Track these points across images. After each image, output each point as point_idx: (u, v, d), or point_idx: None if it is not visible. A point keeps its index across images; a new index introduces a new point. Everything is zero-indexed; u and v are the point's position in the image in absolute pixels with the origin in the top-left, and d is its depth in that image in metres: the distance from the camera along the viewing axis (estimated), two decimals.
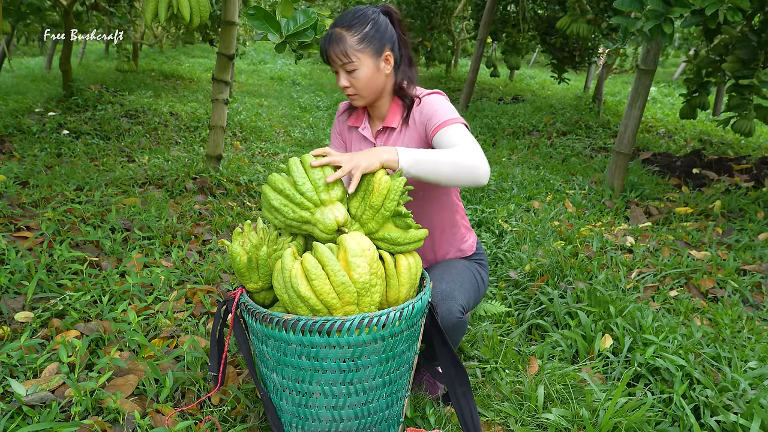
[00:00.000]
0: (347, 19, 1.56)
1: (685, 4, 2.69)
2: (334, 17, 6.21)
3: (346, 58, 1.55)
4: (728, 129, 6.40)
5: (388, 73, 1.63)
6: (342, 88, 1.61)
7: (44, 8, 4.82)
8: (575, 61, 7.22)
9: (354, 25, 1.55)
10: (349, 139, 1.80)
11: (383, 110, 1.71)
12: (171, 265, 2.52)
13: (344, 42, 1.54)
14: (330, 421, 1.36)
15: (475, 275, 1.78)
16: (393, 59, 1.63)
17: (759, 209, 3.52)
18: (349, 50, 1.54)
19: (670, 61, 17.58)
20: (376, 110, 1.73)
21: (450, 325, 1.57)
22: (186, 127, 5.53)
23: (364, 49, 1.55)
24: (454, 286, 1.63)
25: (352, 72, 1.57)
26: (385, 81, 1.64)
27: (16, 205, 2.89)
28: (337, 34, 1.55)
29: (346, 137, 1.82)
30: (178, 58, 13.01)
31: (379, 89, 1.64)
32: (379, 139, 1.73)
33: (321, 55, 1.60)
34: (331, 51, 1.55)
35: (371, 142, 1.73)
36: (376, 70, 1.59)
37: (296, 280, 1.25)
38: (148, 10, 2.29)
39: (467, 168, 1.40)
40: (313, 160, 1.38)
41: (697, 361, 1.89)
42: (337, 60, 1.56)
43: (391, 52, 1.61)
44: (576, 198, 3.83)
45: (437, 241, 1.80)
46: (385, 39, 1.59)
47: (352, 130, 1.78)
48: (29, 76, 8.30)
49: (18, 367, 1.69)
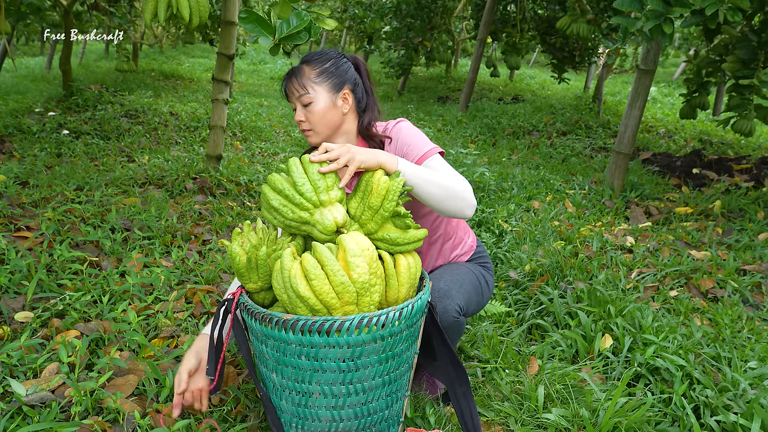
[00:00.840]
0: (310, 56, 1.62)
1: (685, 4, 2.69)
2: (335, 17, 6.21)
3: (302, 90, 1.57)
4: (728, 129, 6.40)
5: (345, 112, 1.62)
6: (297, 122, 1.62)
7: (44, 8, 4.82)
8: (575, 61, 7.22)
9: (314, 60, 1.60)
10: None
11: None
12: (171, 265, 2.52)
13: (303, 74, 1.58)
14: (330, 421, 1.36)
15: (478, 278, 1.78)
16: (353, 99, 1.63)
17: (759, 209, 3.52)
18: (306, 82, 1.57)
19: (670, 61, 17.58)
20: None
21: (446, 324, 1.57)
22: (186, 127, 5.54)
23: (321, 82, 1.58)
24: (452, 285, 1.63)
25: (308, 105, 1.58)
26: (341, 119, 1.63)
27: (16, 205, 2.89)
28: (298, 68, 1.60)
29: None
30: (178, 58, 13.02)
31: (334, 126, 1.63)
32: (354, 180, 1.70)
33: (282, 90, 1.64)
34: (290, 84, 1.59)
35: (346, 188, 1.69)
36: (332, 106, 1.60)
37: (295, 280, 1.25)
38: (147, 10, 2.29)
39: (458, 197, 1.43)
40: (314, 157, 1.38)
41: (697, 361, 1.89)
42: (294, 91, 1.58)
43: (351, 93, 1.62)
44: (576, 198, 3.83)
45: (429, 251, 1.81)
46: (344, 77, 1.61)
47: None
48: (29, 76, 8.30)
49: (18, 367, 1.69)
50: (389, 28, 9.31)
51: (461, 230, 1.86)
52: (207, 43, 9.97)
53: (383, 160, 1.40)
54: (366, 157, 1.38)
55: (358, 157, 1.37)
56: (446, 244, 1.81)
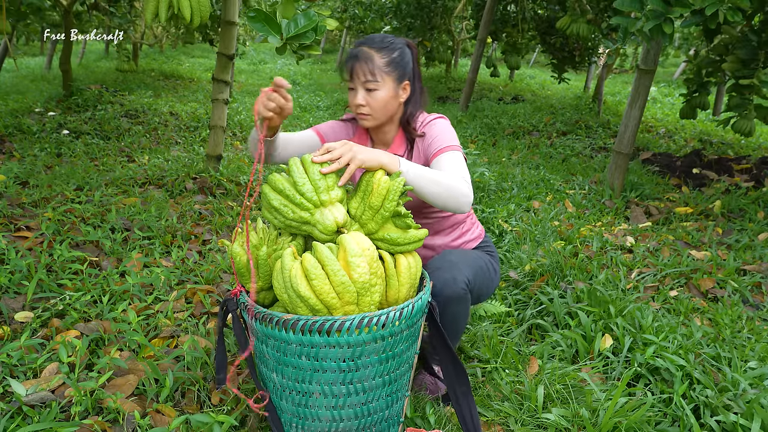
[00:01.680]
0: (377, 42, 1.62)
1: (685, 4, 2.69)
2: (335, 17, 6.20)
3: (371, 77, 1.59)
4: (728, 129, 6.40)
5: (402, 101, 1.68)
6: (355, 105, 1.64)
7: (44, 8, 4.82)
8: (575, 61, 7.22)
9: (384, 48, 1.62)
10: None
11: (388, 137, 1.75)
12: (171, 265, 2.52)
13: (373, 61, 1.59)
14: (330, 420, 1.36)
15: (486, 263, 1.79)
16: (409, 90, 1.68)
17: (759, 209, 3.52)
18: (376, 70, 1.59)
19: (670, 61, 17.58)
20: (380, 136, 1.76)
21: (452, 294, 1.55)
22: (186, 127, 5.54)
23: (390, 72, 1.61)
24: (462, 259, 1.65)
25: (372, 91, 1.61)
26: (397, 108, 1.69)
27: (16, 205, 2.89)
28: (366, 52, 1.60)
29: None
30: (178, 58, 13.01)
31: (391, 114, 1.68)
32: None
33: (343, 69, 1.64)
34: (359, 67, 1.59)
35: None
36: (394, 95, 1.64)
37: (296, 280, 1.25)
38: (148, 9, 2.29)
39: (456, 195, 1.46)
40: (316, 157, 1.38)
41: (697, 361, 1.89)
42: (362, 76, 1.60)
43: (409, 83, 1.67)
44: (576, 198, 3.83)
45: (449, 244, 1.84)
46: (407, 69, 1.66)
47: None
48: (29, 76, 8.30)
49: (18, 367, 1.69)
50: (389, 28, 9.31)
51: (470, 218, 1.90)
52: (207, 43, 9.97)
53: (385, 161, 1.41)
54: (367, 156, 1.39)
55: (360, 157, 1.38)
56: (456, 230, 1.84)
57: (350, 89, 1.65)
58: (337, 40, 19.73)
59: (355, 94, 1.63)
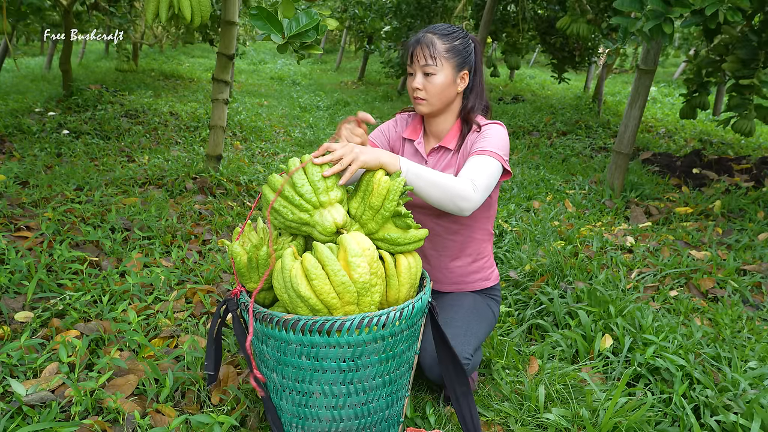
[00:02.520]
0: (441, 29, 1.64)
1: (685, 4, 2.69)
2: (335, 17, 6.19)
3: (431, 61, 1.61)
4: (728, 129, 6.40)
5: (459, 91, 1.68)
6: (413, 89, 1.65)
7: (44, 8, 4.82)
8: (575, 61, 7.21)
9: (447, 35, 1.63)
10: (400, 149, 1.83)
11: (443, 128, 1.75)
12: (171, 265, 2.52)
13: (434, 46, 1.61)
14: (330, 420, 1.36)
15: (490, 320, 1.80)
16: (467, 81, 1.68)
17: (759, 209, 3.52)
18: (436, 54, 1.60)
19: (670, 61, 17.57)
20: (435, 126, 1.75)
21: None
22: (186, 127, 5.54)
23: (450, 58, 1.62)
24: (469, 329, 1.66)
25: (430, 76, 1.62)
26: (454, 97, 1.69)
27: (16, 205, 2.89)
28: (428, 37, 1.62)
29: (396, 146, 1.84)
30: (178, 58, 13.01)
31: (448, 102, 1.68)
32: (432, 156, 1.75)
33: (404, 52, 1.67)
34: (419, 50, 1.61)
35: (423, 158, 1.76)
36: (452, 82, 1.65)
37: (296, 280, 1.25)
38: (149, 9, 2.29)
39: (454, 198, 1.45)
40: (317, 159, 1.38)
41: (697, 361, 1.89)
42: (421, 59, 1.61)
43: (468, 73, 1.67)
44: (576, 198, 3.83)
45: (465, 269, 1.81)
46: (468, 59, 1.66)
47: (407, 142, 1.81)
48: (29, 76, 8.30)
49: (18, 367, 1.69)
50: (389, 28, 9.31)
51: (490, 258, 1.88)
52: (207, 43, 9.97)
53: (385, 161, 1.41)
54: (368, 157, 1.39)
55: (362, 158, 1.38)
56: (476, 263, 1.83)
57: (409, 74, 1.67)
58: (337, 40, 19.73)
59: (413, 78, 1.65)
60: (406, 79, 1.71)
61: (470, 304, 1.76)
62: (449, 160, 1.73)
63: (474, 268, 1.82)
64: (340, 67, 14.06)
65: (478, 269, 1.83)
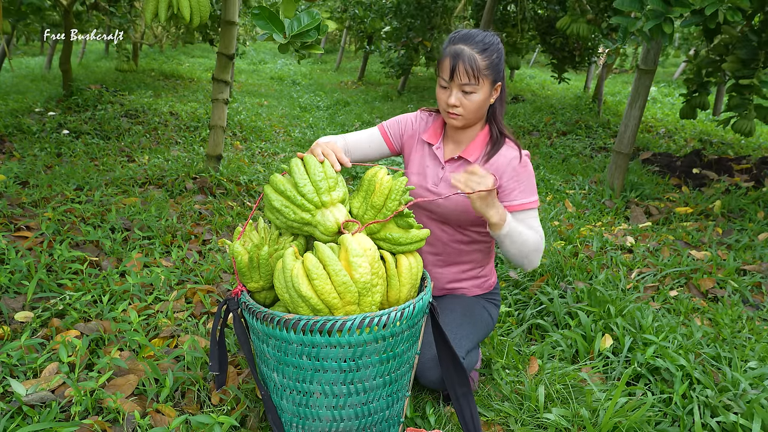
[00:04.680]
0: (478, 41, 1.55)
1: (685, 4, 2.69)
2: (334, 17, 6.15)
3: (473, 80, 1.55)
4: (728, 129, 6.40)
5: (492, 102, 1.64)
6: (448, 104, 1.59)
7: (44, 8, 4.82)
8: (575, 61, 7.21)
9: (486, 49, 1.55)
10: (414, 147, 1.77)
11: (467, 137, 1.70)
12: (171, 264, 2.52)
13: (476, 64, 1.53)
14: (330, 420, 1.36)
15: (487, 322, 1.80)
16: (500, 91, 1.64)
17: (759, 209, 3.52)
18: (478, 73, 1.54)
19: (670, 61, 17.57)
20: (458, 134, 1.71)
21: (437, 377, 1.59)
22: (186, 127, 5.53)
23: (489, 75, 1.57)
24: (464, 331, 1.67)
25: (469, 94, 1.57)
26: (487, 109, 1.66)
27: (16, 205, 2.89)
28: (469, 54, 1.53)
29: (410, 144, 1.78)
30: (178, 58, 13.01)
31: (482, 115, 1.66)
32: (450, 164, 1.70)
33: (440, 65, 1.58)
34: (461, 68, 1.53)
35: (441, 164, 1.71)
36: (487, 97, 1.61)
37: (297, 280, 1.25)
38: (148, 9, 2.29)
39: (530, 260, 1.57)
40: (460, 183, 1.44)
41: (697, 361, 1.89)
42: (463, 78, 1.54)
43: (501, 84, 1.63)
44: (576, 198, 3.83)
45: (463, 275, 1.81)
46: (502, 71, 1.61)
47: (426, 144, 1.75)
48: (29, 76, 8.30)
49: (18, 366, 1.69)
50: (389, 28, 9.30)
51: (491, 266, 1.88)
52: (207, 43, 9.97)
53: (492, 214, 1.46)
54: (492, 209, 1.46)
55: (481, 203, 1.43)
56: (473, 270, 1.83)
57: (442, 87, 1.60)
58: (337, 40, 19.73)
59: (448, 93, 1.59)
60: (405, 79, 1.69)
61: (464, 306, 1.75)
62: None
63: (472, 275, 1.81)
64: (340, 67, 14.06)
65: (475, 276, 1.82)
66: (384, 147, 1.79)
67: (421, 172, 1.74)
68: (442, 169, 1.71)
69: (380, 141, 1.78)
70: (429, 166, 1.73)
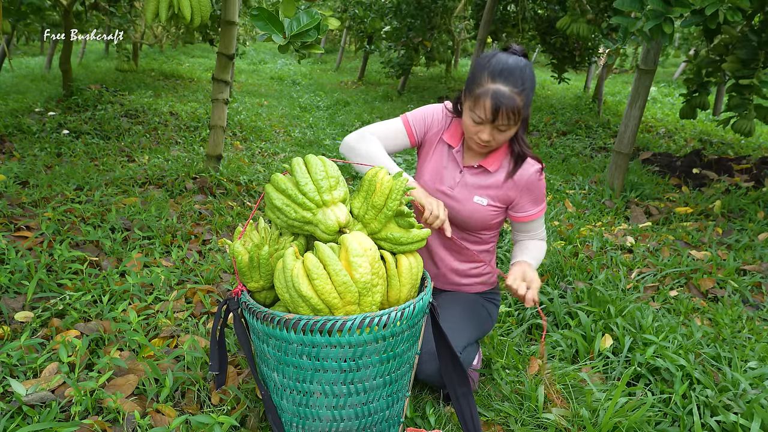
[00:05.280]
0: (517, 78, 1.50)
1: (685, 4, 2.69)
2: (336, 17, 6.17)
3: (512, 123, 1.53)
4: (728, 129, 6.40)
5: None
6: (481, 139, 1.57)
7: (44, 8, 4.82)
8: (575, 61, 7.21)
9: (523, 90, 1.51)
10: (435, 145, 1.75)
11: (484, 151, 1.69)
12: (171, 264, 2.52)
13: (516, 106, 1.50)
14: (330, 420, 1.36)
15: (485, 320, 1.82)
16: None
17: (759, 209, 3.52)
18: (518, 115, 1.52)
19: (670, 61, 17.57)
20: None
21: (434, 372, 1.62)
22: (186, 126, 5.53)
23: (524, 111, 1.54)
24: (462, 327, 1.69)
25: (504, 131, 1.56)
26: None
27: (16, 205, 2.89)
28: (510, 97, 1.49)
29: (432, 141, 1.75)
30: (178, 58, 13.01)
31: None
32: (468, 172, 1.70)
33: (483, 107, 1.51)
34: (504, 113, 1.50)
35: (459, 167, 1.71)
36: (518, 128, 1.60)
37: (298, 280, 1.25)
38: (148, 9, 2.29)
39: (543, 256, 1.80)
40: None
41: (697, 361, 1.89)
42: (503, 121, 1.51)
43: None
44: (576, 198, 3.83)
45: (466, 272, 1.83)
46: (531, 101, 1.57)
47: (446, 145, 1.74)
48: (29, 76, 8.30)
49: (18, 366, 1.69)
50: (389, 28, 9.30)
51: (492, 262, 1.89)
52: (207, 43, 9.97)
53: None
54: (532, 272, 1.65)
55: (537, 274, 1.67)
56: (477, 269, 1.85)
57: (476, 122, 1.55)
58: (337, 40, 19.73)
59: (482, 129, 1.55)
60: (405, 79, 1.69)
61: (464, 304, 1.78)
62: (487, 182, 1.69)
63: (475, 273, 1.83)
64: (340, 67, 14.06)
65: (478, 274, 1.84)
66: (406, 142, 1.75)
67: (437, 173, 1.73)
68: (461, 173, 1.71)
69: (404, 136, 1.74)
70: (447, 167, 1.72)
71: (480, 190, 1.69)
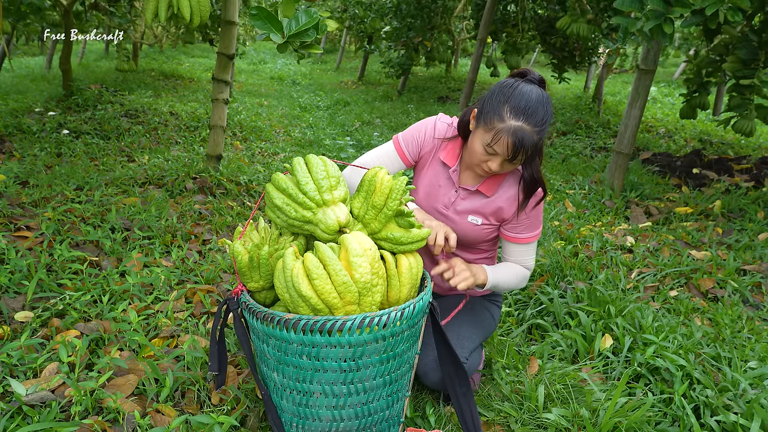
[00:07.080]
0: (540, 118, 1.47)
1: (686, 4, 2.69)
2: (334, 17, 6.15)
3: (529, 158, 1.53)
4: (728, 129, 6.40)
5: None
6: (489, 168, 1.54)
7: (44, 8, 4.82)
8: (575, 61, 7.21)
9: (543, 128, 1.48)
10: (429, 162, 1.72)
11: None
12: (171, 264, 2.52)
13: (533, 144, 1.47)
14: (330, 420, 1.36)
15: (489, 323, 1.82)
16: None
17: (759, 209, 3.52)
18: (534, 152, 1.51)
19: (670, 61, 17.58)
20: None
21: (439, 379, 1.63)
22: (186, 126, 5.53)
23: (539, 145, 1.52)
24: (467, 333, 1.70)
25: (516, 164, 1.54)
26: None
27: (16, 205, 2.89)
28: (531, 135, 1.45)
29: (426, 158, 1.73)
30: (178, 58, 13.01)
31: None
32: (464, 193, 1.67)
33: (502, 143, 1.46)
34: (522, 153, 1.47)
35: (454, 187, 1.68)
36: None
37: (297, 280, 1.25)
38: (148, 9, 2.29)
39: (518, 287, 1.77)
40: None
41: (697, 361, 1.89)
42: (519, 157, 1.48)
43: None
44: (576, 198, 3.83)
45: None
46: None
47: (442, 164, 1.70)
48: (29, 76, 8.30)
49: (18, 366, 1.69)
50: (389, 28, 9.30)
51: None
52: (207, 43, 9.97)
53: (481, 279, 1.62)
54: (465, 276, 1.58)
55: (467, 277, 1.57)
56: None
57: (489, 153, 1.51)
58: (337, 40, 19.73)
59: (494, 161, 1.51)
60: (405, 79, 1.69)
61: (467, 308, 1.78)
62: (481, 205, 1.66)
63: None
64: (340, 67, 14.06)
65: None
66: (401, 164, 1.74)
67: (431, 191, 1.71)
68: (456, 192, 1.68)
69: (397, 158, 1.73)
70: (441, 186, 1.70)
71: (475, 211, 1.68)
